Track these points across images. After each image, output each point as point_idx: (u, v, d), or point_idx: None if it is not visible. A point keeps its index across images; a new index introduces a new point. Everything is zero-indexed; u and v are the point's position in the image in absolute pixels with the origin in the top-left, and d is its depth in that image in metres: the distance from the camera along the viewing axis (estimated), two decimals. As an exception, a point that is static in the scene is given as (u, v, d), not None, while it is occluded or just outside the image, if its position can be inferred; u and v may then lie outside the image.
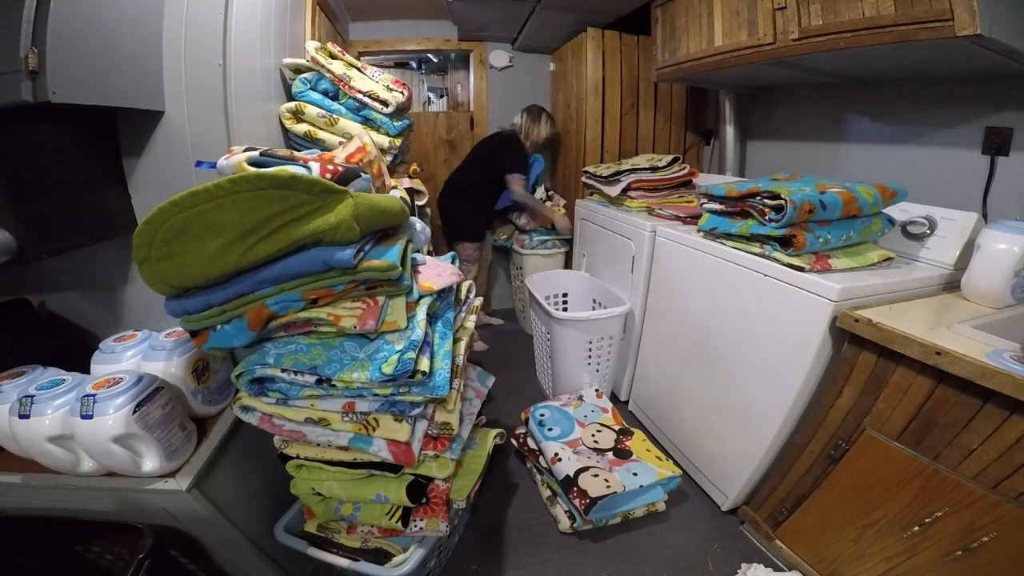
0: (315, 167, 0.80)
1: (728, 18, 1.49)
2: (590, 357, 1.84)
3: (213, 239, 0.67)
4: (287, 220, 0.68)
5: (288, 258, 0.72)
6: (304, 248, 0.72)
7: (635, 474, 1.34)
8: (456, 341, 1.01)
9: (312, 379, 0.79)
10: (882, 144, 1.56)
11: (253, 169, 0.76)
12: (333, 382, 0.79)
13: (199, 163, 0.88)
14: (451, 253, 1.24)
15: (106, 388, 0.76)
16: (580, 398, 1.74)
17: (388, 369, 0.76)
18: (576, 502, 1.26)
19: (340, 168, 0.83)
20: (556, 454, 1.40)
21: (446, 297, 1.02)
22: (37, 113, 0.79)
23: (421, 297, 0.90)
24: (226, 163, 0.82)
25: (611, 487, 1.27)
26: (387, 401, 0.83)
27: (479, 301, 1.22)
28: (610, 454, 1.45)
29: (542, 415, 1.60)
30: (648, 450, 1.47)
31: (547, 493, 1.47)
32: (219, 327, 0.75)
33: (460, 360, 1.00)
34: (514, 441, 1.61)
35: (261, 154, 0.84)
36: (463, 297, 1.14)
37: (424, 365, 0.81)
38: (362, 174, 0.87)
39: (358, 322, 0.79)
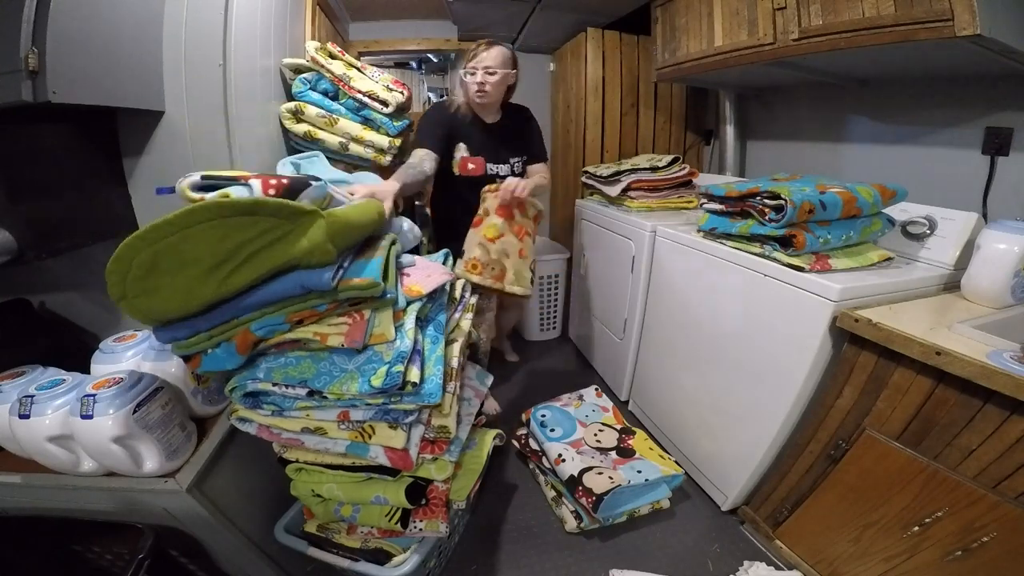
0: (256, 184, 0.76)
1: (728, 18, 1.49)
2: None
3: (186, 272, 0.65)
4: (258, 247, 0.66)
5: (268, 284, 0.71)
6: (282, 273, 0.71)
7: (639, 471, 1.34)
8: (449, 343, 0.98)
9: (303, 392, 0.79)
10: (882, 144, 1.56)
11: (196, 195, 0.73)
12: (324, 394, 0.78)
13: (159, 190, 0.83)
14: (443, 251, 1.21)
15: (106, 388, 0.76)
16: (580, 398, 1.74)
17: (377, 382, 0.76)
18: (583, 500, 1.26)
19: (284, 181, 0.78)
20: (560, 455, 1.40)
21: (438, 299, 1.00)
22: (37, 113, 0.79)
23: (409, 303, 0.88)
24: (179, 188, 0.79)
25: (616, 483, 1.27)
26: (381, 409, 0.83)
27: (475, 299, 1.19)
28: (613, 453, 1.45)
29: (543, 416, 1.60)
30: (651, 448, 1.47)
31: (552, 494, 1.46)
32: (210, 351, 0.74)
33: (454, 363, 0.97)
34: (515, 442, 1.61)
35: (202, 177, 0.79)
36: (457, 296, 1.11)
37: (414, 375, 0.80)
38: (312, 183, 0.82)
39: (345, 339, 0.77)
